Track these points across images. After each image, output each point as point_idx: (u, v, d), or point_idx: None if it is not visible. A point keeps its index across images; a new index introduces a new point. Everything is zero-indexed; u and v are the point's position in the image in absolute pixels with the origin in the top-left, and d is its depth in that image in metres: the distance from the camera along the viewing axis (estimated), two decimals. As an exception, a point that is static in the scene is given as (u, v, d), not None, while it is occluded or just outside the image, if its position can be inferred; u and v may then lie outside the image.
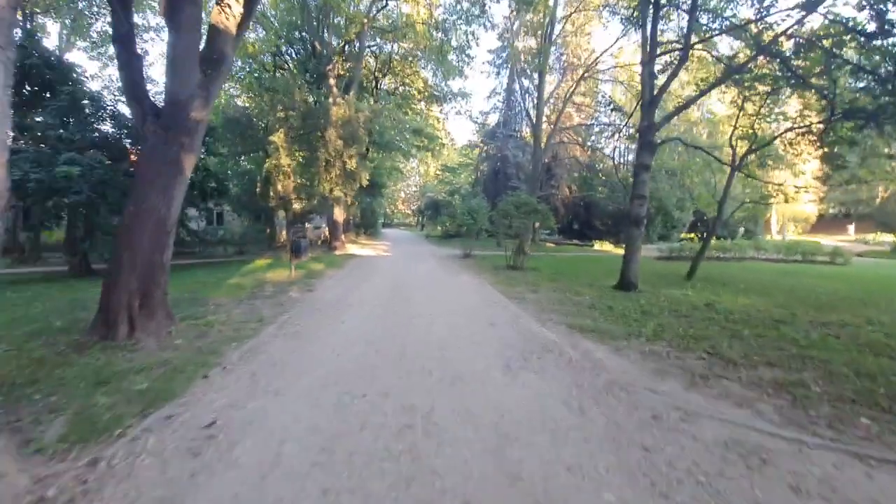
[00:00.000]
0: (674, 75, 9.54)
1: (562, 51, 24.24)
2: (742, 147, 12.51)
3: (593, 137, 25.34)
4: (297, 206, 18.33)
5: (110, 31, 19.76)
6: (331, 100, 16.81)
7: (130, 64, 6.27)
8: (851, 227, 37.20)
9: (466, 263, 15.69)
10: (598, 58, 17.38)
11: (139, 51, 6.93)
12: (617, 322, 6.80)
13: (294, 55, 26.72)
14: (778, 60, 9.84)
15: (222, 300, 8.21)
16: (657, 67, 10.11)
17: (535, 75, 24.17)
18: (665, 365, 4.74)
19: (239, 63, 24.73)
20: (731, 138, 12.49)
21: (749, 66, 10.06)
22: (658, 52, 10.00)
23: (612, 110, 11.15)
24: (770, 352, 5.19)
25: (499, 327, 6.22)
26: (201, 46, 6.56)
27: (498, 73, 27.91)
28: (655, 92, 9.82)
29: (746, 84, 11.44)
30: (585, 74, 17.77)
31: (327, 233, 26.56)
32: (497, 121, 29.93)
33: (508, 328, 6.19)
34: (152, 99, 6.59)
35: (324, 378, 4.01)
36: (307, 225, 32.71)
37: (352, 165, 15.63)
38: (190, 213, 19.53)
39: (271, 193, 16.93)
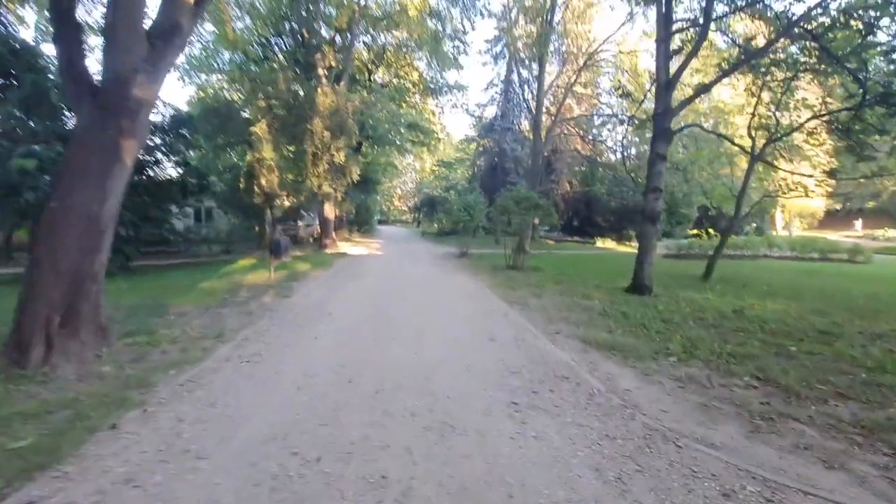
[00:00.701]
0: (693, 53, 8.56)
1: (562, 40, 23.18)
2: (761, 137, 11.54)
3: (595, 130, 24.34)
4: (284, 202, 17.32)
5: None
6: (319, 90, 15.77)
7: (67, 35, 5.25)
8: (858, 223, 36.38)
9: (463, 263, 14.72)
10: (601, 45, 16.37)
11: (80, 21, 5.89)
12: (637, 334, 5.84)
13: (284, 46, 25.60)
14: (804, 42, 8.92)
15: (186, 308, 7.22)
16: (672, 47, 9.11)
17: (535, 65, 23.14)
18: (710, 398, 3.78)
19: (226, 55, 23.66)
20: (749, 128, 11.51)
21: (769, 49, 9.11)
22: (674, 29, 9.01)
23: (619, 96, 10.21)
24: (833, 377, 4.23)
25: (500, 344, 5.24)
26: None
27: (495, 63, 26.88)
28: (671, 74, 8.83)
29: (763, 70, 10.52)
30: (588, 62, 16.77)
31: (319, 231, 25.53)
32: (494, 113, 28.90)
33: (511, 345, 5.21)
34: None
35: (271, 428, 3.02)
36: (299, 223, 31.75)
37: (340, 159, 14.60)
38: (172, 211, 18.59)
39: (256, 189, 15.89)
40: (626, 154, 11.25)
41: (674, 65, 9.24)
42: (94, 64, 7.21)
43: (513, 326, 6.16)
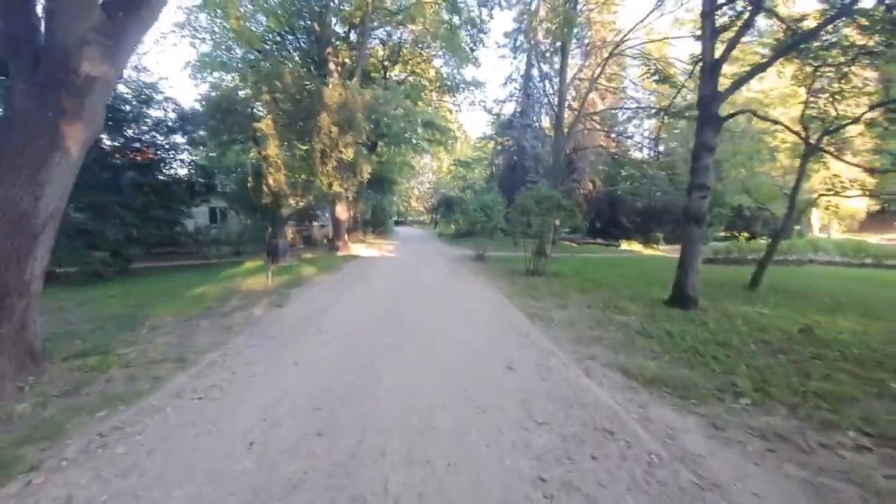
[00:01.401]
0: (746, 27, 7.35)
1: (584, 31, 21.93)
2: (815, 129, 10.19)
3: (619, 126, 22.90)
4: (292, 202, 16.62)
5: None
6: (330, 82, 14.99)
7: (11, 3, 4.46)
8: (903, 225, 33.84)
9: (479, 267, 13.69)
10: (628, 33, 15.11)
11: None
12: (690, 362, 4.73)
13: (298, 44, 25.07)
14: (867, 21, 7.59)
15: (165, 319, 6.43)
16: (717, 23, 7.90)
17: (556, 59, 21.97)
18: (816, 470, 2.69)
19: (238, 53, 23.21)
20: (801, 118, 10.17)
21: (821, 30, 7.79)
22: (720, 1, 7.81)
23: (656, 82, 9.06)
24: (982, 436, 3.08)
25: (520, 375, 4.21)
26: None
27: (514, 57, 25.70)
28: (718, 54, 7.64)
29: (812, 56, 9.19)
30: (614, 52, 15.52)
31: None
32: (513, 110, 27.69)
33: (535, 377, 4.18)
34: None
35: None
36: (314, 224, 31.24)
37: (348, 155, 13.75)
38: (183, 211, 18.15)
39: (264, 189, 15.22)
40: (657, 150, 10.07)
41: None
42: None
43: (535, 348, 5.12)
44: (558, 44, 21.29)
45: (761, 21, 11.60)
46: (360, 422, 3.14)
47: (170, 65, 69.84)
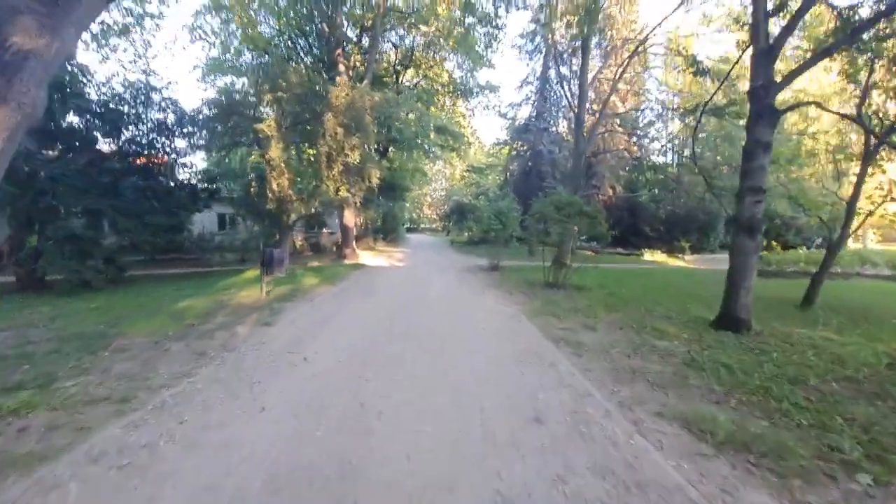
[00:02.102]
0: (806, 6, 6.32)
1: (605, 33, 20.97)
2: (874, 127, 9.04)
3: (639, 130, 21.74)
4: (298, 208, 15.91)
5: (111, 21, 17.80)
6: (338, 80, 14.29)
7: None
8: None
9: (494, 278, 12.70)
10: (654, 28, 14.11)
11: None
12: (767, 411, 3.71)
13: (309, 48, 24.64)
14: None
15: (135, 340, 5.63)
16: (769, 5, 6.88)
17: (575, 60, 21.07)
18: None
19: (248, 57, 22.86)
20: (858, 113, 9.03)
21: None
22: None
23: (694, 74, 8.01)
24: None
25: (551, 432, 3.22)
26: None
27: (530, 59, 24.85)
28: (772, 40, 6.61)
29: (863, 48, 8.08)
30: (639, 49, 14.54)
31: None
32: (529, 114, 26.79)
33: (571, 434, 3.19)
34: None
35: None
36: (323, 230, 30.63)
37: (354, 158, 12.94)
38: (190, 217, 17.61)
39: (268, 194, 14.52)
40: (692, 152, 9.00)
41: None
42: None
43: (566, 387, 4.13)
44: (577, 43, 20.41)
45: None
46: (330, 516, 2.20)
47: (180, 69, 70.25)
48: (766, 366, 4.90)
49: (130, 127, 13.00)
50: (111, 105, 12.06)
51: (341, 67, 17.79)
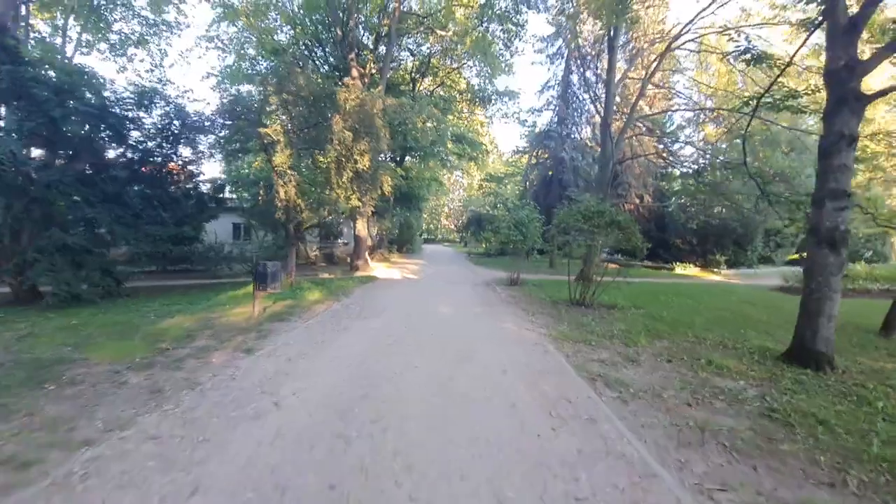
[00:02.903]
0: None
1: (630, 33, 19.86)
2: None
3: (670, 134, 20.36)
4: (307, 217, 15.19)
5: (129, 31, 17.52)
6: (347, 82, 13.58)
7: None
8: None
9: (513, 294, 11.60)
10: (689, 24, 12.95)
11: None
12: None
13: (326, 57, 24.32)
14: None
15: (94, 369, 4.80)
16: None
17: (599, 63, 20.03)
18: None
19: (263, 64, 22.62)
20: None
21: None
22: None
23: (747, 62, 6.82)
24: None
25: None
26: None
27: (552, 63, 23.84)
28: (852, 13, 5.47)
29: None
30: (672, 45, 13.40)
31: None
32: (550, 119, 25.69)
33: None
34: None
35: None
36: (339, 241, 30.03)
37: (364, 164, 12.10)
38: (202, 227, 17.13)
39: (277, 203, 13.83)
40: (743, 154, 7.84)
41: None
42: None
43: (615, 458, 3.03)
44: (601, 45, 19.34)
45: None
46: None
47: (195, 79, 71.47)
48: (878, 423, 3.71)
49: (134, 133, 12.49)
50: (113, 109, 11.53)
51: (354, 73, 17.14)
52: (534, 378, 4.70)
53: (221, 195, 16.09)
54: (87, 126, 11.01)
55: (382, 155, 26.62)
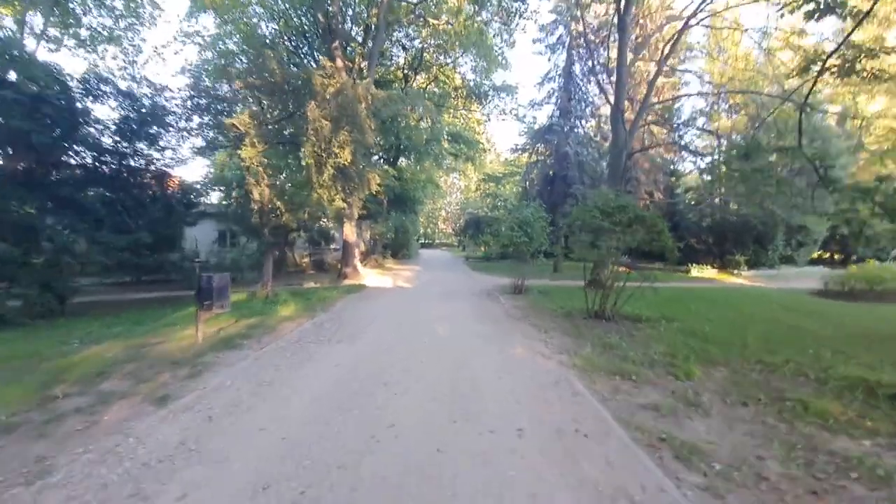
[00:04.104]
0: None
1: (637, 17, 18.48)
2: None
3: (682, 124, 18.83)
4: (288, 220, 13.62)
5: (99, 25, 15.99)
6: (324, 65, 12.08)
7: None
8: None
9: (519, 305, 10.07)
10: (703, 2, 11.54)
11: None
12: None
13: (311, 52, 22.86)
14: None
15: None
16: None
17: (603, 51, 18.61)
18: None
19: (244, 61, 21.12)
20: None
21: None
22: None
23: (810, 13, 5.51)
24: None
25: None
26: None
27: (553, 52, 22.36)
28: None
29: None
30: (689, 23, 11.98)
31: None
32: (552, 112, 24.14)
33: None
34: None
35: None
36: (331, 247, 28.45)
37: (344, 158, 10.56)
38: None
39: (252, 204, 12.32)
40: (798, 136, 6.47)
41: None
42: None
43: None
44: (607, 30, 17.94)
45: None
46: None
47: (170, 75, 69.91)
48: None
49: (81, 128, 10.95)
50: (51, 98, 10.00)
51: (339, 63, 15.65)
52: (566, 446, 3.15)
53: (192, 197, 14.56)
54: (14, 115, 9.36)
55: (375, 156, 25.25)
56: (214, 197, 20.32)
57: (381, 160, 26.03)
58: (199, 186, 16.58)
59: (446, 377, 4.64)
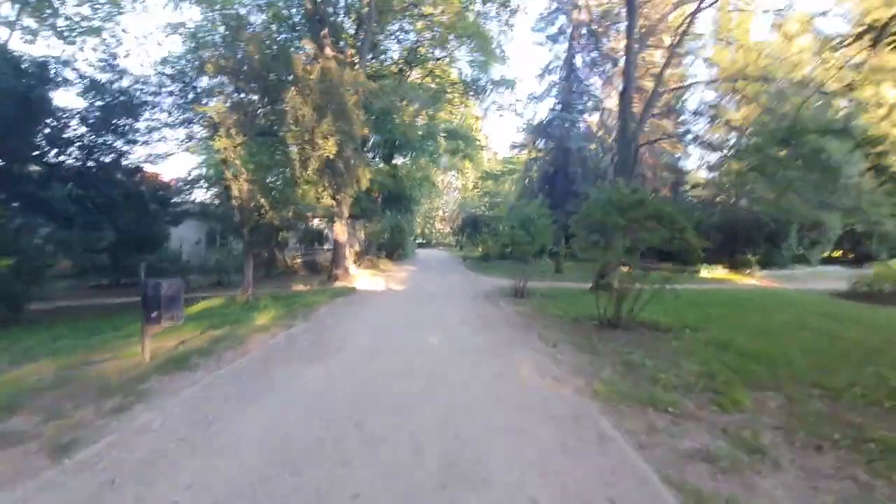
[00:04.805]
0: None
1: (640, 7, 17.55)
2: None
3: (694, 112, 17.76)
4: (270, 217, 12.67)
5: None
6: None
7: None
8: None
9: (522, 310, 9.15)
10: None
11: None
12: None
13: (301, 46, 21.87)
14: None
15: None
16: None
17: (606, 41, 17.72)
18: None
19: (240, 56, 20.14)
20: None
21: None
22: None
23: None
24: None
25: None
26: None
27: (554, 43, 21.40)
28: None
29: None
30: (701, 5, 11.08)
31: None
32: (553, 106, 23.15)
33: None
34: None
35: None
36: (324, 247, 27.49)
37: (328, 149, 9.58)
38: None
39: (232, 200, 11.37)
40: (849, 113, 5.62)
41: None
42: None
43: None
44: (608, 19, 17.05)
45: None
46: None
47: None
48: None
49: (38, 117, 9.97)
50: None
51: (328, 52, 14.70)
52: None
53: (166, 194, 13.60)
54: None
55: (371, 153, 24.29)
56: (204, 195, 19.40)
57: (376, 157, 25.11)
58: (182, 184, 15.62)
59: (436, 415, 3.68)
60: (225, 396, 4.05)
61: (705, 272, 17.10)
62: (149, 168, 14.64)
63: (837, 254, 21.59)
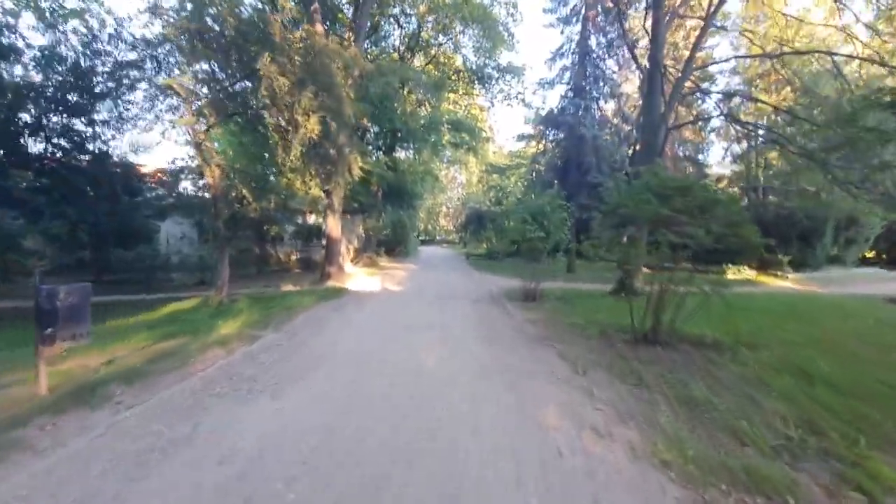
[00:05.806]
0: None
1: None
2: None
3: (732, 94, 16.15)
4: (254, 208, 11.42)
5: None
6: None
7: None
8: None
9: (535, 317, 7.82)
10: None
11: None
12: None
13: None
14: None
15: None
16: None
17: (625, 23, 16.23)
18: None
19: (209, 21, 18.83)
20: None
21: None
22: None
23: None
24: None
25: None
26: None
27: (566, 25, 19.91)
28: None
29: None
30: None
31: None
32: (565, 92, 21.64)
33: None
34: None
35: None
36: (322, 242, 26.27)
37: (311, 129, 8.23)
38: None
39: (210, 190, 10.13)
40: None
41: None
42: None
43: None
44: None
45: None
46: None
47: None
48: None
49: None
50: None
51: (319, 28, 13.36)
52: None
53: (137, 183, 12.37)
54: None
55: (369, 147, 23.00)
56: (191, 187, 18.20)
57: (377, 149, 23.89)
58: (168, 176, 14.36)
59: (429, 472, 2.38)
60: (114, 460, 2.73)
61: (732, 273, 15.67)
62: (133, 159, 13.46)
63: (870, 254, 20.03)
